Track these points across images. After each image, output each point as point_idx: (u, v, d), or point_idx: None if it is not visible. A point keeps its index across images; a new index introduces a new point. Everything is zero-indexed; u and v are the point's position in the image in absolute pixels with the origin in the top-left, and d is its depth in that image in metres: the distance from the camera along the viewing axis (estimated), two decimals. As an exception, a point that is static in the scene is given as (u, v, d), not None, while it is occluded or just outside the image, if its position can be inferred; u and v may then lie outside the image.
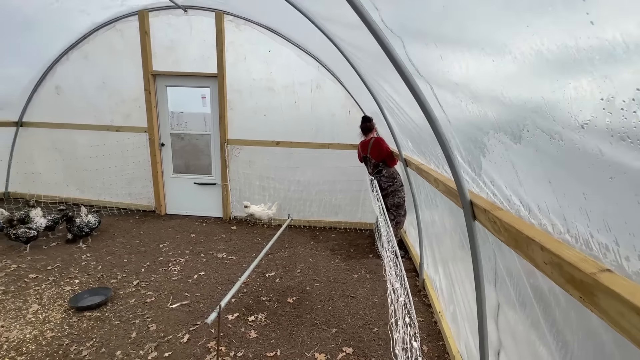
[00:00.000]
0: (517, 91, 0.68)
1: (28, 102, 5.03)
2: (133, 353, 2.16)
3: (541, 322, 1.01)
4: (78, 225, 3.79)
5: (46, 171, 5.22)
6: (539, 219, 0.85)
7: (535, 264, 0.84)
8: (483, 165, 1.07)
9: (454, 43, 0.85)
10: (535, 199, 0.82)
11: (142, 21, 4.44)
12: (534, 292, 1.03)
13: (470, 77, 0.84)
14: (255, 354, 2.21)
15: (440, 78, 1.10)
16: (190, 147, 5.03)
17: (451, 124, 1.17)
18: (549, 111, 0.59)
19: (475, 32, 0.73)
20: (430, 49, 0.98)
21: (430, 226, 2.72)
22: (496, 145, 0.88)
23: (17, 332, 2.29)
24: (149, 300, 2.77)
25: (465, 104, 0.96)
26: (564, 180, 0.67)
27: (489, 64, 0.72)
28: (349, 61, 2.82)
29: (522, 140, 0.74)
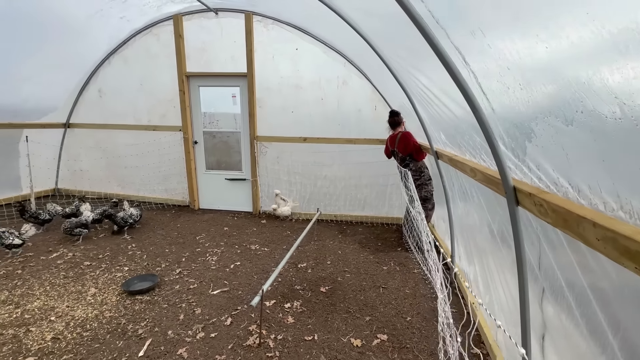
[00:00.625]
0: (573, 74, 0.72)
1: (74, 105, 5.43)
2: (183, 332, 2.34)
3: (591, 301, 1.04)
4: (122, 217, 4.09)
5: (91, 168, 5.62)
6: (589, 198, 0.88)
7: (586, 241, 0.88)
8: (528, 150, 1.10)
9: (506, 30, 0.89)
10: (587, 179, 0.86)
11: (177, 25, 4.67)
12: (583, 271, 1.06)
13: (522, 64, 0.89)
14: (294, 338, 2.33)
15: (486, 67, 1.14)
16: (222, 145, 5.24)
17: (495, 112, 1.21)
18: (607, 91, 0.64)
19: (529, 19, 0.78)
20: (477, 38, 1.03)
21: (464, 218, 2.73)
22: (545, 129, 0.92)
23: (81, 312, 2.53)
24: (191, 287, 2.96)
25: (513, 90, 1.00)
26: (619, 158, 0.71)
27: (541, 50, 0.77)
28: (379, 55, 2.86)
29: (574, 122, 0.79)
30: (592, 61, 0.66)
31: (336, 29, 3.68)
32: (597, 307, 1.00)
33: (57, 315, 2.48)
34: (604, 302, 1.01)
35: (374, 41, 2.86)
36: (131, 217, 4.19)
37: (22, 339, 2.22)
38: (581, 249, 1.08)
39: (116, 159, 5.49)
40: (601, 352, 1.07)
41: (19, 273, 3.09)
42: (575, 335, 1.19)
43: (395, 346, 2.27)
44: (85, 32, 4.50)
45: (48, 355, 2.08)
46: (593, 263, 1.00)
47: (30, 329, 2.31)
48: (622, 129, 0.66)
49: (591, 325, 1.08)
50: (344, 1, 2.67)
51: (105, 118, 5.38)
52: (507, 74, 0.98)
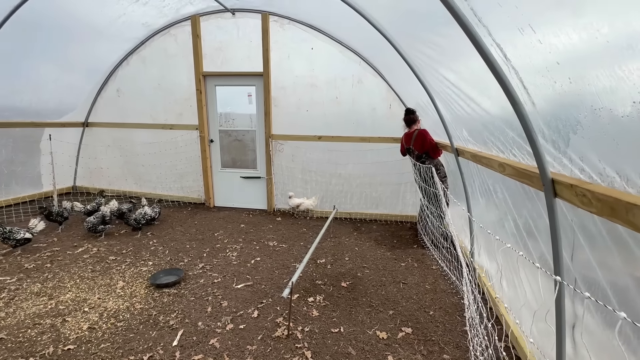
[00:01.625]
0: (634, 66, 0.77)
1: (93, 104, 5.55)
2: (212, 324, 2.41)
3: (630, 289, 1.08)
4: (135, 217, 4.08)
5: (108, 166, 5.73)
6: (638, 187, 0.93)
7: (635, 227, 0.92)
8: (572, 142, 1.15)
9: (561, 26, 0.94)
10: (638, 168, 0.90)
11: (195, 25, 4.75)
12: (623, 260, 1.10)
13: (575, 58, 0.93)
14: (321, 330, 2.39)
15: (531, 62, 1.18)
16: (237, 143, 5.32)
17: (535, 106, 1.25)
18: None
19: (587, 14, 0.83)
20: (526, 34, 1.07)
21: (485, 214, 2.76)
22: (595, 120, 0.97)
23: (112, 303, 2.61)
24: (216, 281, 3.03)
25: (560, 84, 1.04)
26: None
27: (601, 43, 0.81)
28: (400, 53, 2.91)
29: (630, 112, 0.83)
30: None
31: (352, 28, 3.74)
32: (638, 297, 1.04)
33: (90, 307, 2.56)
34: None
35: (394, 39, 2.91)
36: (144, 217, 4.17)
37: (60, 328, 2.30)
38: (622, 237, 1.12)
39: (133, 157, 5.59)
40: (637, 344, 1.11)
41: (48, 267, 3.19)
42: (609, 327, 1.23)
43: (420, 339, 2.32)
44: (105, 34, 4.60)
45: (86, 344, 2.16)
46: (637, 250, 1.04)
47: (66, 319, 2.40)
48: None
49: (631, 316, 1.12)
50: (368, 0, 2.72)
51: (123, 117, 5.49)
52: (555, 69, 1.02)
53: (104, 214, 3.98)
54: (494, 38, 1.23)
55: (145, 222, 4.18)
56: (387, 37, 2.95)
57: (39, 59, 4.44)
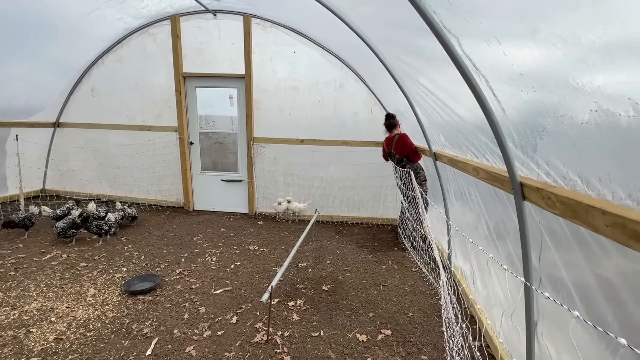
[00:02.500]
0: (589, 77, 0.82)
1: (65, 104, 5.31)
2: (189, 331, 2.34)
3: (592, 287, 1.14)
4: (97, 224, 3.79)
5: (80, 169, 5.48)
6: (597, 190, 0.98)
7: (594, 228, 0.97)
8: (539, 147, 1.20)
9: (522, 39, 0.99)
10: (597, 172, 0.95)
11: (174, 25, 4.66)
12: (585, 258, 1.16)
13: (537, 68, 0.98)
14: (301, 334, 2.37)
15: (498, 71, 1.24)
16: (218, 146, 5.23)
17: (505, 112, 1.31)
18: (621, 92, 0.73)
19: (545, 29, 0.88)
20: (492, 46, 1.12)
21: (460, 216, 2.84)
22: (558, 126, 1.02)
23: (82, 312, 2.49)
24: (193, 287, 2.95)
25: (526, 92, 1.10)
26: (630, 151, 0.81)
27: (559, 56, 0.86)
28: (380, 60, 2.96)
29: (588, 120, 0.88)
30: (605, 64, 0.76)
31: (335, 32, 3.78)
32: (598, 293, 1.10)
33: (57, 316, 2.43)
34: (604, 289, 1.11)
35: (375, 45, 2.96)
36: (107, 223, 3.85)
37: (23, 340, 2.17)
38: (584, 238, 1.18)
39: (108, 159, 5.39)
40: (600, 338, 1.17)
41: (12, 275, 3.00)
42: (572, 322, 1.29)
43: (399, 340, 2.34)
44: (79, 31, 4.43)
45: (52, 356, 2.04)
46: (597, 250, 1.10)
47: (30, 330, 2.26)
48: (636, 124, 0.76)
49: (592, 312, 1.18)
50: (348, 6, 2.76)
51: (98, 118, 5.28)
52: (519, 78, 1.07)
53: (74, 218, 3.80)
54: (463, 49, 1.28)
55: (109, 229, 3.85)
56: (368, 43, 3.00)
57: (4, 53, 4.20)
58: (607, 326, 1.06)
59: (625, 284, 1.03)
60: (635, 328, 1.01)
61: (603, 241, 1.05)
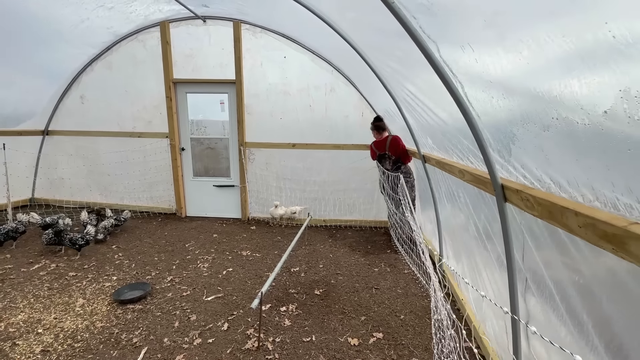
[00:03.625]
0: (548, 86, 0.84)
1: (54, 112, 5.26)
2: (179, 339, 2.32)
3: (570, 287, 1.16)
4: (70, 238, 3.59)
5: (71, 177, 5.42)
6: (569, 192, 1.01)
7: (569, 229, 0.99)
8: (513, 152, 1.23)
9: (491, 47, 1.01)
10: (565, 175, 0.98)
11: (164, 32, 4.66)
12: (563, 260, 1.18)
13: (505, 76, 1.01)
14: (292, 340, 2.36)
15: (472, 78, 1.26)
16: (209, 151, 5.22)
17: (480, 118, 1.33)
18: (576, 101, 0.76)
19: (512, 37, 0.90)
20: (466, 53, 1.15)
21: (451, 218, 2.87)
22: (526, 133, 1.04)
23: (70, 323, 2.45)
24: (185, 294, 2.93)
25: (497, 99, 1.12)
26: (590, 157, 0.83)
27: (523, 64, 0.89)
28: (368, 64, 2.99)
29: (550, 127, 0.91)
30: (564, 75, 0.78)
31: (324, 38, 3.81)
32: (575, 293, 1.12)
33: (44, 328, 2.39)
34: (581, 288, 1.13)
35: (363, 50, 2.99)
36: (84, 237, 3.62)
37: (9, 353, 2.13)
38: (561, 238, 1.21)
39: (98, 166, 5.34)
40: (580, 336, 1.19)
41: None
42: (556, 321, 1.31)
43: (391, 343, 2.35)
44: (68, 37, 4.40)
45: (38, 368, 2.01)
46: (573, 251, 1.12)
47: (16, 343, 2.22)
48: (591, 132, 0.78)
49: (571, 311, 1.20)
50: (335, 12, 2.79)
51: (88, 125, 5.24)
52: (490, 86, 1.10)
53: (65, 228, 3.75)
54: (441, 54, 1.30)
55: (85, 243, 3.61)
56: (356, 48, 3.03)
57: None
58: (582, 325, 1.08)
59: (599, 282, 1.05)
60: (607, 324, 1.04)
61: (578, 241, 1.08)
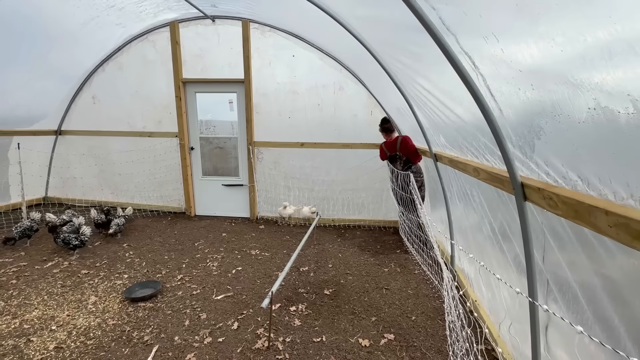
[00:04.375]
0: (587, 74, 0.80)
1: (66, 112, 5.35)
2: (190, 338, 2.32)
3: (597, 288, 1.11)
4: (63, 238, 3.48)
5: (82, 176, 5.50)
6: (599, 189, 0.96)
7: (597, 229, 0.94)
8: (537, 147, 1.18)
9: (521, 36, 0.97)
10: (597, 171, 0.93)
11: (174, 32, 4.69)
12: (590, 259, 1.13)
13: (535, 65, 0.96)
14: (303, 340, 2.34)
15: (495, 70, 1.22)
16: (218, 151, 5.24)
17: (503, 112, 1.29)
18: (620, 90, 0.71)
19: (546, 25, 0.86)
20: (490, 43, 1.11)
21: (463, 218, 2.81)
22: (555, 126, 1.00)
23: (83, 320, 2.48)
24: (195, 293, 2.93)
25: (524, 91, 1.08)
26: (630, 150, 0.78)
27: (557, 53, 0.84)
28: (378, 61, 2.95)
29: (585, 118, 0.86)
30: (605, 62, 0.74)
31: (333, 36, 3.78)
32: (604, 296, 1.07)
33: (58, 325, 2.42)
34: (609, 291, 1.08)
35: (373, 47, 2.95)
36: (78, 237, 3.46)
37: (24, 349, 2.16)
38: (588, 239, 1.15)
39: (110, 165, 5.41)
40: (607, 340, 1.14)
41: (13, 283, 3.00)
42: (582, 326, 1.26)
43: (402, 345, 2.31)
44: (80, 39, 4.46)
45: (52, 365, 2.03)
46: (601, 251, 1.07)
47: (31, 339, 2.25)
48: (634, 122, 0.73)
49: (598, 314, 1.15)
50: (345, 9, 2.76)
51: (99, 125, 5.31)
52: (518, 75, 1.05)
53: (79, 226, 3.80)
54: (462, 46, 1.26)
55: (81, 243, 3.53)
56: (366, 45, 2.99)
57: (5, 62, 4.22)
58: (613, 330, 1.03)
59: (630, 285, 1.00)
60: None
61: (607, 242, 1.03)
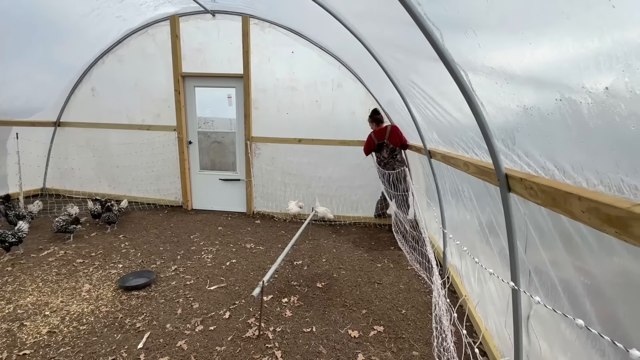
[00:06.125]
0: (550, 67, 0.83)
1: (66, 104, 5.37)
2: (181, 326, 2.35)
3: (573, 275, 1.14)
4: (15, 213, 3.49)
5: (81, 168, 5.53)
6: (573, 177, 0.99)
7: (572, 215, 0.97)
8: (517, 140, 1.21)
9: (494, 33, 1.00)
10: (570, 160, 0.96)
11: (174, 26, 4.71)
12: (567, 248, 1.16)
13: (507, 62, 0.99)
14: (293, 330, 2.37)
15: (476, 64, 1.25)
16: (216, 145, 5.26)
17: (484, 107, 1.32)
18: (578, 80, 0.74)
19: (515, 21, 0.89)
20: (469, 38, 1.14)
21: (455, 214, 2.84)
22: (529, 118, 1.03)
23: (76, 307, 2.51)
24: (188, 283, 2.96)
25: (500, 85, 1.11)
26: (594, 138, 0.81)
27: (527, 49, 0.88)
28: (375, 58, 2.98)
29: (554, 110, 0.89)
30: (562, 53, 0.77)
31: (332, 33, 3.81)
32: (579, 284, 1.10)
33: (51, 310, 2.45)
34: (586, 278, 1.11)
35: (371, 44, 2.98)
36: (16, 234, 3.09)
37: (17, 333, 2.19)
38: (566, 228, 1.19)
39: (108, 158, 5.43)
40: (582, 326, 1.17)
41: (9, 270, 3.03)
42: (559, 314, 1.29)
43: (391, 337, 2.34)
44: (79, 31, 4.48)
45: (44, 348, 2.05)
46: (578, 239, 1.10)
47: (24, 324, 2.28)
48: (594, 111, 0.77)
49: (574, 303, 1.18)
50: (343, 6, 2.79)
51: (98, 117, 5.33)
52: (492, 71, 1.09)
53: (76, 214, 3.84)
54: (444, 41, 1.29)
55: (18, 241, 3.18)
56: (363, 41, 3.02)
57: (5, 53, 4.24)
58: (587, 318, 1.07)
59: (603, 276, 1.03)
60: (611, 318, 1.02)
61: (583, 230, 1.06)
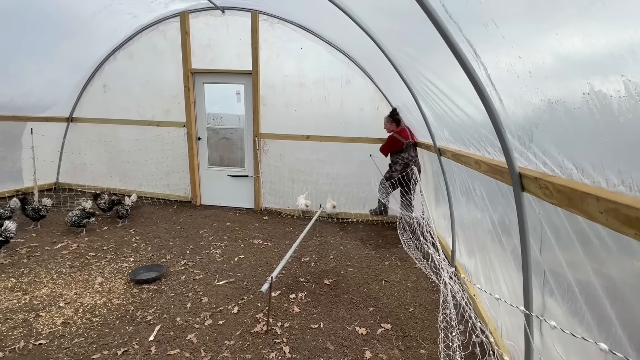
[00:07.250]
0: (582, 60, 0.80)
1: (78, 99, 5.46)
2: (191, 319, 2.38)
3: (591, 277, 1.11)
4: (32, 207, 3.87)
5: (92, 163, 5.63)
6: (592, 177, 0.96)
7: (589, 216, 0.95)
8: (535, 137, 1.19)
9: (519, 23, 0.98)
10: (590, 158, 0.94)
11: (184, 22, 4.73)
12: (584, 249, 1.14)
13: (531, 54, 0.97)
14: (300, 326, 2.39)
15: (496, 58, 1.22)
16: (225, 141, 5.30)
17: (502, 102, 1.29)
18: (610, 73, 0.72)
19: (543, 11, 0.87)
20: (489, 29, 1.11)
21: (465, 213, 2.81)
22: (553, 113, 1.00)
23: (89, 299, 2.57)
24: (197, 278, 3.00)
25: (523, 79, 1.08)
26: (620, 135, 0.79)
27: (554, 40, 0.85)
28: (385, 54, 2.95)
29: (582, 104, 0.87)
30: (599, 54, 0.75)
31: (341, 29, 3.78)
32: (598, 285, 1.08)
33: (65, 302, 2.51)
34: (603, 279, 1.09)
35: (380, 39, 2.95)
36: (2, 234, 2.98)
37: (33, 323, 2.25)
38: (583, 229, 1.16)
39: (119, 153, 5.51)
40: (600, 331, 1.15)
41: (24, 262, 3.11)
42: (575, 316, 1.27)
43: (399, 335, 2.34)
44: (92, 28, 4.54)
45: (59, 339, 2.11)
46: (594, 240, 1.08)
47: (40, 314, 2.34)
48: (625, 105, 0.74)
49: (591, 304, 1.16)
50: (353, 0, 2.76)
51: (109, 113, 5.41)
52: (517, 62, 1.06)
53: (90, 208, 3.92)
54: (464, 34, 1.27)
55: (4, 240, 3.09)
56: (373, 37, 2.98)
57: (20, 51, 4.33)
58: (608, 321, 1.04)
59: (624, 279, 1.01)
60: (635, 322, 0.99)
61: (600, 231, 1.03)
